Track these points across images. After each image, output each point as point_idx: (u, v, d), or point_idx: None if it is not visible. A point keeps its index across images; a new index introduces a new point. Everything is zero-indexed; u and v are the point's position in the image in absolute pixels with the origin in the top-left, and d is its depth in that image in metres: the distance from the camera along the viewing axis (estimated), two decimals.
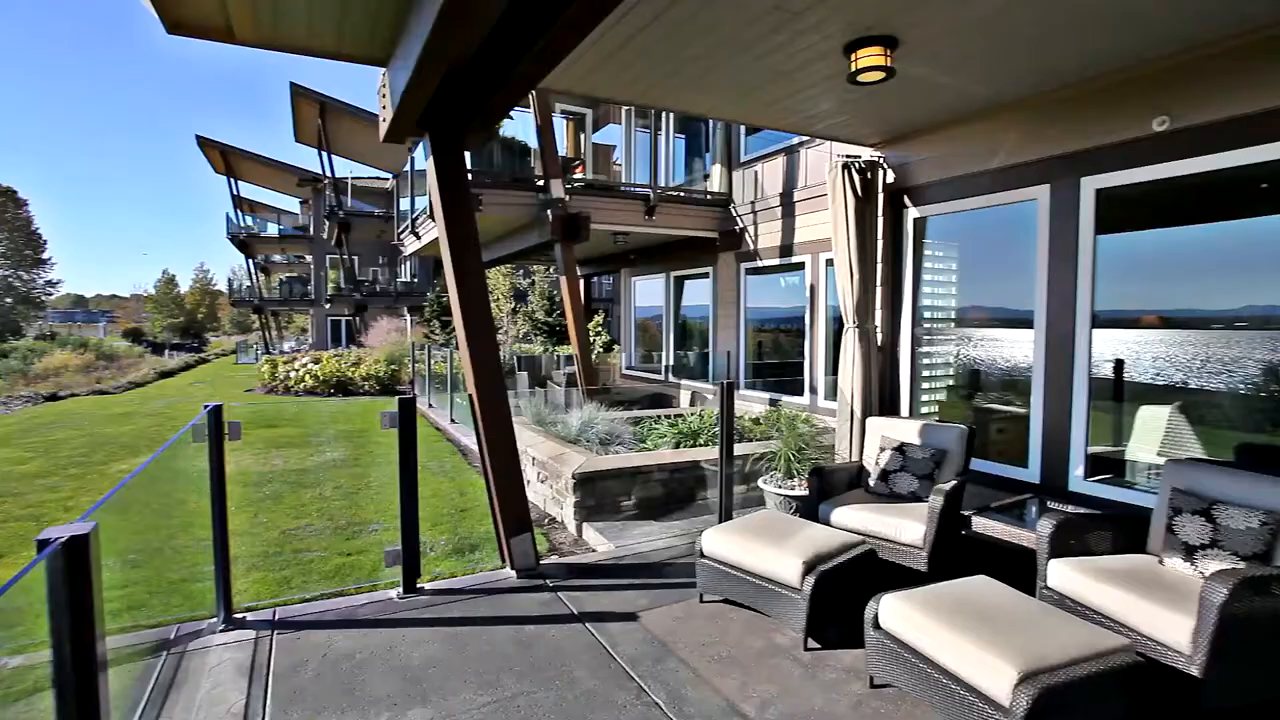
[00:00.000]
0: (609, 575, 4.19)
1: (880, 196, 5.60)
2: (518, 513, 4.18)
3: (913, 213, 5.66)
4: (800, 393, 8.18)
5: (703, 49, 3.92)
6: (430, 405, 12.82)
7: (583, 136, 13.04)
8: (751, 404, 8.76)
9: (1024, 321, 4.86)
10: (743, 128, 9.64)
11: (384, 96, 4.11)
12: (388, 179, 28.68)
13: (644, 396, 11.07)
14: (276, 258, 39.20)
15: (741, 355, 9.45)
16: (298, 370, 17.24)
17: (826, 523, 4.10)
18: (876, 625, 2.81)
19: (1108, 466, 4.48)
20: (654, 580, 4.09)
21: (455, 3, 2.61)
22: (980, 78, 4.37)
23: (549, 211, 8.88)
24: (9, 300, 49.36)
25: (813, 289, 7.99)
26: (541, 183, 9.31)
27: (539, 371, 12.83)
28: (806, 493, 4.62)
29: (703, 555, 3.69)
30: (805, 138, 7.87)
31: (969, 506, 4.05)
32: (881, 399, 5.60)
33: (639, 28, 3.65)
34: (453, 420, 10.96)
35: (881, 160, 5.67)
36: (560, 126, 12.64)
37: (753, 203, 9.18)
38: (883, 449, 4.60)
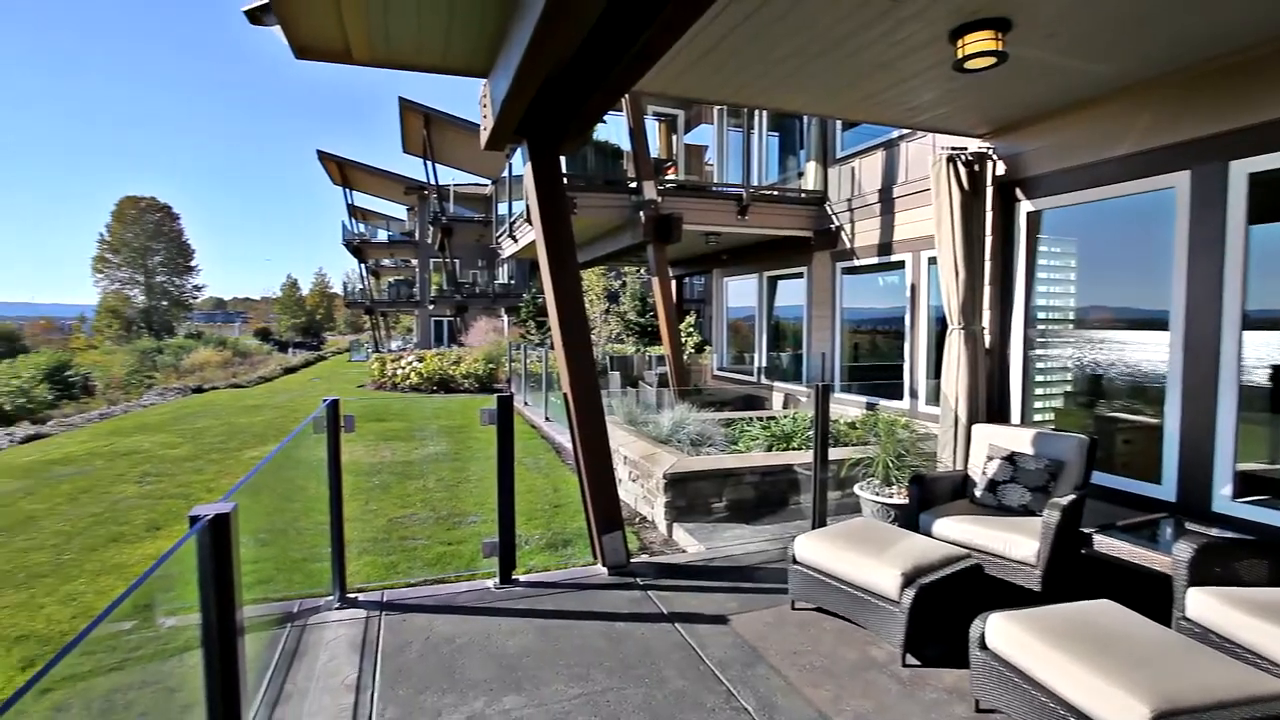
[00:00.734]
0: (699, 577, 4.17)
1: (989, 190, 5.27)
2: (609, 511, 4.24)
3: (1026, 206, 5.29)
4: (899, 397, 7.83)
5: (796, 46, 3.84)
6: (526, 403, 13.25)
7: (675, 138, 13.08)
8: (847, 407, 8.48)
9: (1156, 322, 4.43)
10: (839, 123, 9.36)
11: (485, 106, 4.29)
12: (487, 185, 29.92)
13: (736, 398, 10.95)
14: (386, 262, 41.80)
15: (837, 357, 9.17)
16: (404, 368, 18.28)
17: (927, 534, 3.91)
18: (983, 645, 2.64)
19: (1263, 486, 3.99)
20: (744, 584, 4.04)
21: (554, 9, 2.69)
22: (1105, 56, 4.02)
23: (641, 213, 8.97)
24: (165, 303, 55.42)
25: (913, 288, 7.64)
26: (634, 185, 9.42)
27: (631, 372, 12.98)
28: (906, 501, 4.42)
29: (795, 561, 3.61)
30: (906, 131, 7.53)
31: (1089, 523, 3.73)
32: (989, 405, 5.27)
33: (730, 27, 3.62)
34: (547, 418, 11.27)
35: (990, 151, 5.34)
36: (652, 129, 12.74)
37: (849, 200, 8.88)
38: (990, 458, 4.33)
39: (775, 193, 10.08)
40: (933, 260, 7.03)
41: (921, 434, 6.10)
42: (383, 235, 38.34)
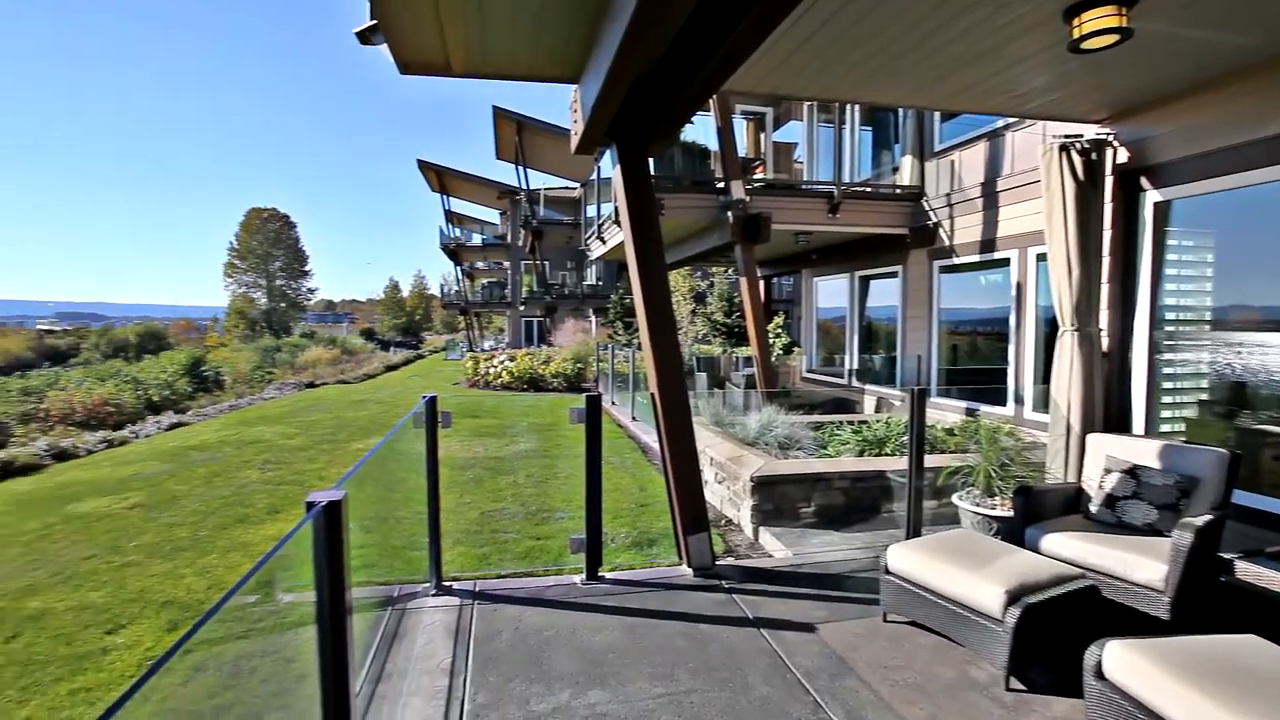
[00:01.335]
0: (785, 582, 4.09)
1: (1108, 180, 4.87)
2: (695, 512, 4.23)
3: (1152, 196, 4.84)
4: (1002, 402, 7.37)
5: (891, 36, 3.69)
6: (613, 403, 13.44)
7: (763, 136, 12.88)
8: (944, 413, 8.07)
9: None
10: (937, 114, 8.91)
11: (575, 111, 4.38)
12: (576, 188, 30.58)
13: (825, 401, 10.66)
14: (480, 264, 43.55)
15: (933, 360, 8.74)
16: (496, 367, 18.97)
17: (1034, 549, 3.65)
18: (1100, 675, 2.44)
19: None
20: (833, 592, 3.92)
21: (643, 14, 2.71)
22: (1248, 26, 3.62)
23: (729, 213, 8.89)
24: (283, 305, 60.19)
25: (1019, 287, 7.16)
26: (721, 184, 9.35)
27: (717, 373, 12.90)
28: (1010, 514, 4.15)
29: (888, 571, 3.47)
30: (1012, 120, 7.08)
31: (1230, 548, 3.36)
32: (1107, 413, 4.86)
33: (822, 21, 3.53)
34: (634, 418, 11.38)
35: (1110, 137, 4.93)
36: (740, 127, 12.60)
37: (948, 195, 8.44)
38: (1109, 471, 3.99)
39: (868, 189, 9.73)
40: (1041, 257, 6.58)
41: (1027, 442, 5.71)
42: (477, 239, 40.00)
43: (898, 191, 9.34)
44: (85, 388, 16.82)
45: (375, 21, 3.64)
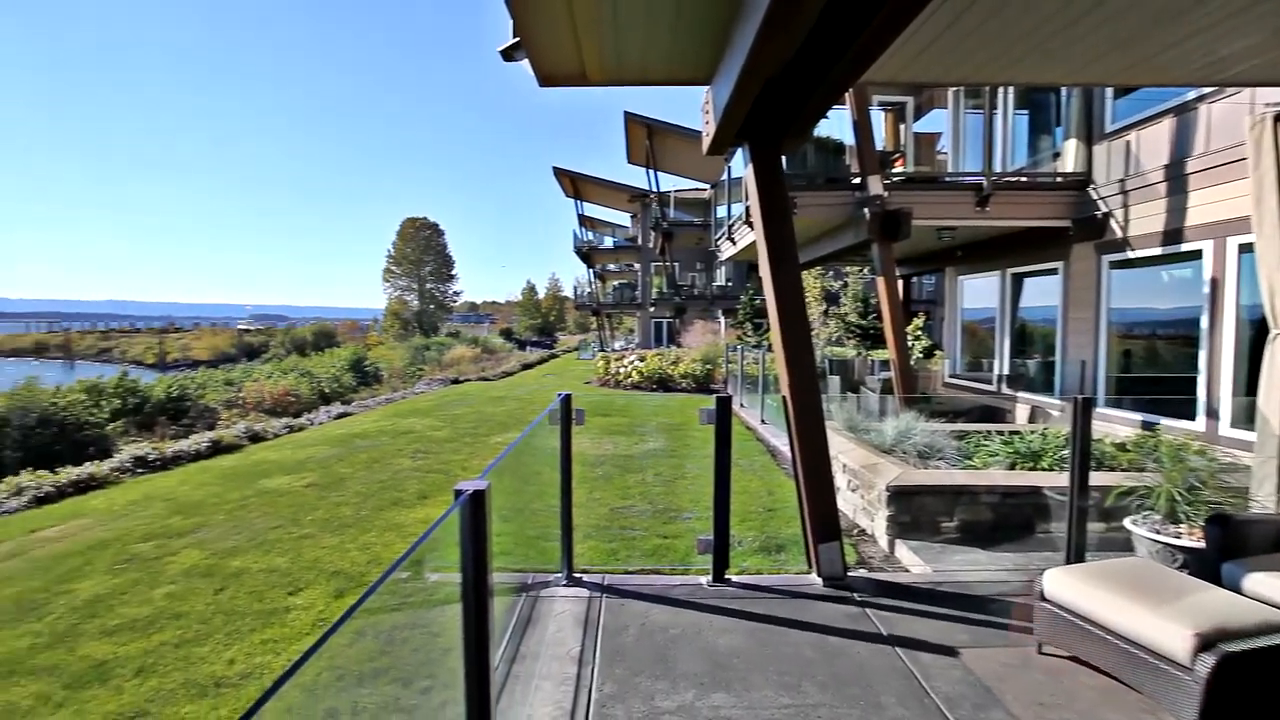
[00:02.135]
0: (923, 600, 3.84)
1: None
2: (827, 519, 4.09)
3: None
4: (1189, 416, 6.47)
5: (1055, 6, 3.35)
6: (742, 405, 13.30)
7: (902, 127, 12.19)
8: (1113, 425, 7.21)
9: None
10: (1108, 91, 7.97)
11: (707, 112, 4.38)
12: (705, 189, 30.61)
13: (971, 408, 9.89)
14: (611, 266, 44.77)
15: (1100, 365, 7.84)
16: (626, 367, 19.41)
17: (1234, 589, 3.16)
18: None
19: None
20: (977, 615, 3.63)
21: (775, 14, 2.66)
22: None
23: (866, 209, 8.51)
24: (431, 306, 65.37)
25: (1214, 283, 6.25)
26: (858, 180, 8.97)
27: (851, 376, 12.39)
28: (1201, 544, 3.63)
29: (1044, 597, 3.15)
30: (1206, 89, 6.18)
31: None
32: None
33: (968, 3, 3.27)
34: (763, 421, 11.20)
35: None
36: (878, 119, 12.00)
37: (1121, 181, 7.54)
38: None
39: (1024, 179, 8.92)
40: (1246, 248, 5.70)
41: (1224, 463, 4.96)
42: (608, 242, 41.19)
43: (1059, 180, 8.48)
44: (272, 380, 19.24)
45: (517, 39, 3.85)
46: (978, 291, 11.14)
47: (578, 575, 4.13)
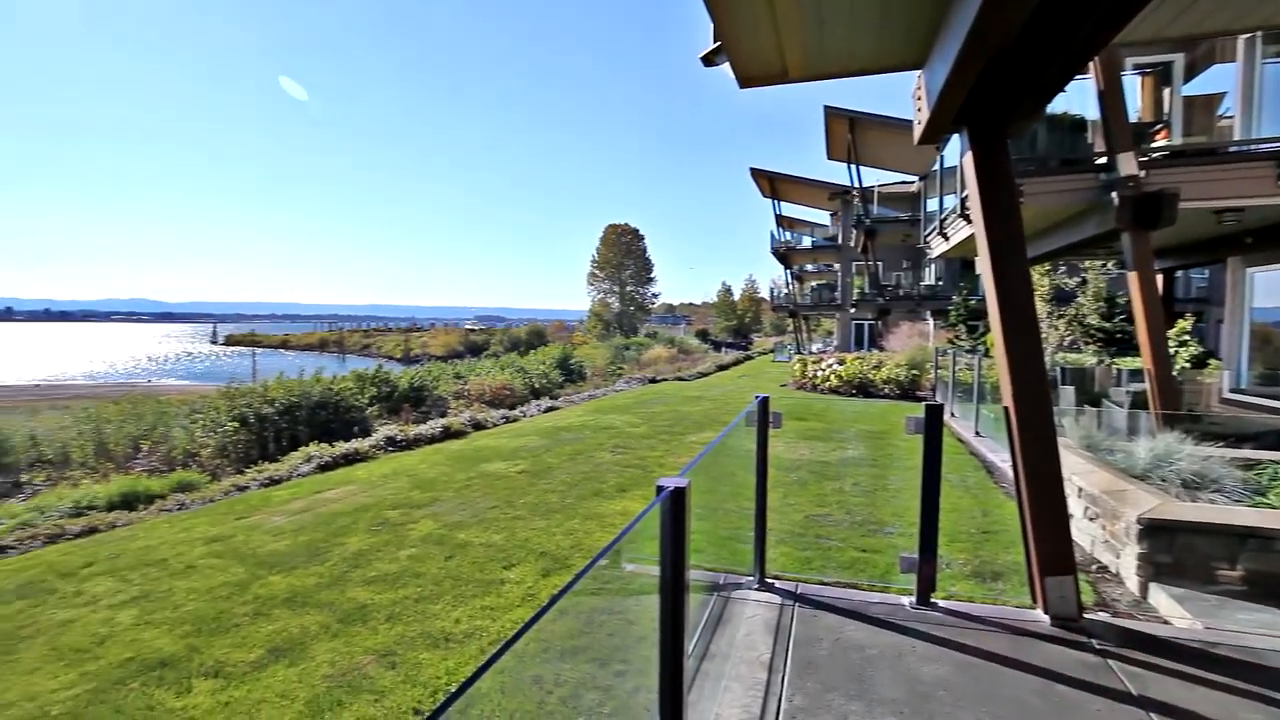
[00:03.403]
0: (1190, 661, 3.20)
1: None
2: (1058, 550, 3.59)
3: None
4: None
5: None
6: (952, 414, 12.19)
7: (1166, 92, 10.24)
8: None
9: None
10: None
11: (919, 99, 4.07)
12: (913, 182, 28.45)
13: (1263, 432, 8.04)
14: (809, 267, 43.46)
15: None
16: (824, 370, 18.72)
17: None
18: None
19: None
20: (1273, 693, 2.94)
21: None
22: None
23: (1114, 194, 7.32)
24: (631, 308, 68.58)
25: None
26: (1103, 160, 7.75)
27: (1090, 387, 10.74)
28: None
29: None
30: None
31: None
32: None
33: None
34: (978, 433, 10.16)
35: None
36: (1130, 86, 10.22)
37: None
38: None
39: None
40: None
41: None
42: (807, 241, 40.01)
43: None
44: (492, 375, 21.50)
45: (718, 44, 3.90)
46: (1274, 287, 9.03)
47: (770, 580, 4.07)
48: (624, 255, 69.67)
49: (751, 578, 4.05)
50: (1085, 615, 3.61)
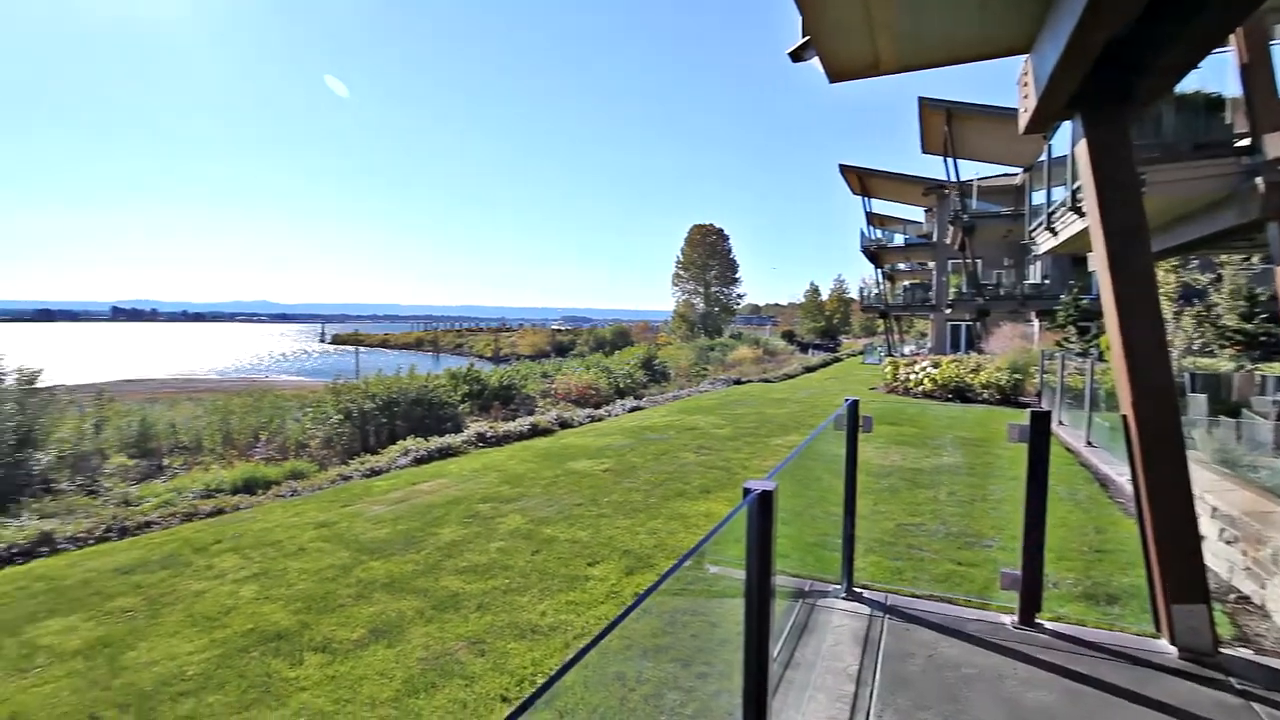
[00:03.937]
0: None
1: None
2: (1187, 575, 3.27)
3: None
4: None
5: None
6: (1060, 422, 11.37)
7: None
8: None
9: None
10: None
11: (1025, 85, 3.82)
12: (1016, 175, 26.71)
13: None
14: (901, 266, 41.71)
15: None
16: (917, 373, 17.91)
17: None
18: None
19: None
20: None
21: None
22: None
23: (1258, 179, 6.60)
24: (716, 309, 68.13)
25: None
26: (1245, 142, 7.00)
27: (1226, 395, 9.72)
28: None
29: None
30: None
31: None
32: None
33: None
34: (1089, 443, 9.42)
35: None
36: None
37: None
38: None
39: None
40: None
41: None
42: (899, 239, 38.43)
43: None
44: (578, 375, 21.91)
45: (806, 39, 3.80)
46: None
47: (858, 590, 3.93)
48: (709, 256, 69.28)
49: (839, 586, 3.93)
50: (1222, 650, 3.27)
